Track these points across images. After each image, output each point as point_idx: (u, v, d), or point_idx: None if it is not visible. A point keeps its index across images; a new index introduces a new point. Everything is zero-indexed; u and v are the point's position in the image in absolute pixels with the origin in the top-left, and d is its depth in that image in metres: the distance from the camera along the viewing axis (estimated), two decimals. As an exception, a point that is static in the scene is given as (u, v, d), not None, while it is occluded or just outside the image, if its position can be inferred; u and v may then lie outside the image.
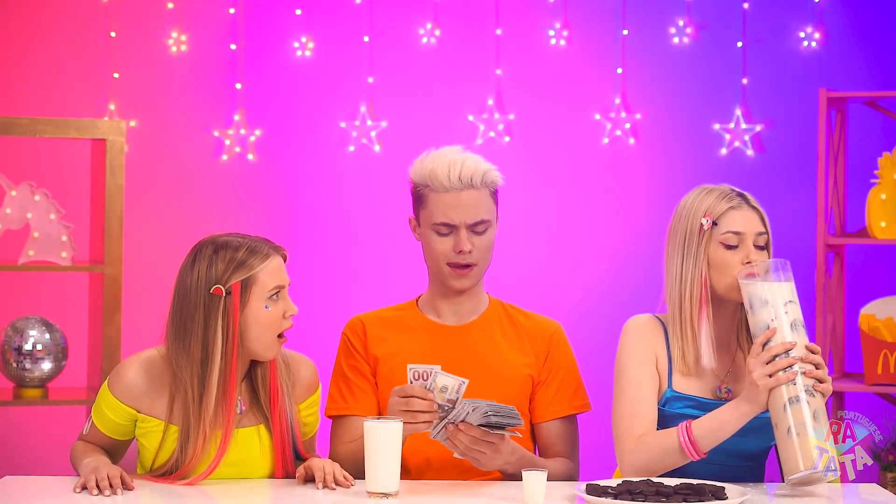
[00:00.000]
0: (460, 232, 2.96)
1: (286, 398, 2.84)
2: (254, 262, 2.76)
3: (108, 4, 4.99)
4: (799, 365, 2.71)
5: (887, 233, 4.56)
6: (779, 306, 2.75)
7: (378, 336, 3.05)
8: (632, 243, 5.02)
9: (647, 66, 5.05)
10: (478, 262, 2.99)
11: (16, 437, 4.89)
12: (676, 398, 2.86)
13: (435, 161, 2.98)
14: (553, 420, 3.03)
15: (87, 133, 4.35)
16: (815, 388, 2.71)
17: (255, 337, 2.76)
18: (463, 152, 3.01)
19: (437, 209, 2.97)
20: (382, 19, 5.08)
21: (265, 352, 2.78)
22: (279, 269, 2.80)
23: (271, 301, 2.77)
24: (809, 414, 2.69)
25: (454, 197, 2.96)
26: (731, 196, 2.88)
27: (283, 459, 2.84)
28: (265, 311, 2.76)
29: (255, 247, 2.78)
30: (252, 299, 2.76)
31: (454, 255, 2.97)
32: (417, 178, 3.01)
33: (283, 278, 2.80)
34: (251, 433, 2.84)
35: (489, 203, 3.00)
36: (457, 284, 3.00)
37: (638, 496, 2.58)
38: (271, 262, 2.78)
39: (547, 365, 3.04)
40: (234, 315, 2.74)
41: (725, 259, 2.84)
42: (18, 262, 4.35)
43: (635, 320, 2.93)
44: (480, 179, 2.97)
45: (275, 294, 2.78)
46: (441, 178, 2.96)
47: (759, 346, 2.74)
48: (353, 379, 3.03)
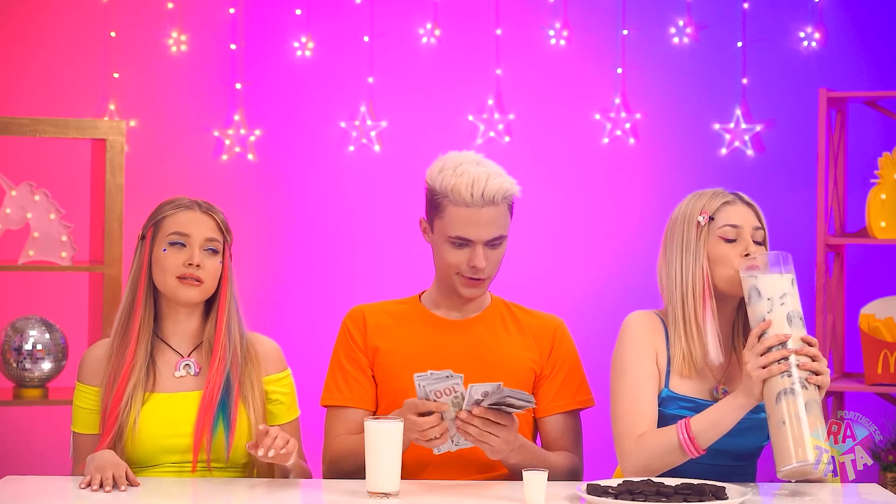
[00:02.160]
0: (476, 248, 2.95)
1: (236, 368, 2.88)
2: (164, 209, 2.93)
3: (108, 4, 4.98)
4: (794, 357, 2.71)
5: (887, 233, 4.56)
6: (775, 298, 2.75)
7: (378, 327, 3.05)
8: (632, 243, 5.02)
9: (647, 66, 5.05)
10: (490, 274, 3.00)
11: (16, 437, 4.88)
12: (673, 399, 2.86)
13: (458, 176, 2.94)
14: (557, 414, 3.03)
15: (87, 133, 4.35)
16: (809, 381, 2.71)
17: (160, 280, 2.89)
18: (484, 165, 2.97)
19: (455, 223, 2.95)
20: (382, 19, 5.08)
21: (172, 294, 2.89)
22: (189, 220, 2.91)
23: (172, 247, 2.89)
24: (802, 406, 2.69)
25: (474, 213, 2.94)
26: (725, 193, 2.91)
27: (203, 416, 2.83)
28: (163, 254, 2.89)
29: (176, 200, 2.95)
30: (156, 243, 2.91)
31: (467, 268, 2.97)
32: (437, 186, 2.97)
33: (186, 228, 2.89)
34: (190, 397, 2.87)
35: (506, 218, 2.98)
36: (466, 293, 3.01)
37: (638, 496, 2.58)
38: (181, 213, 2.91)
39: (551, 359, 3.04)
40: (144, 257, 2.91)
41: (725, 252, 2.84)
42: (18, 262, 4.35)
43: (636, 316, 2.93)
44: (502, 197, 2.96)
45: (177, 241, 2.89)
46: (464, 195, 2.93)
47: (755, 337, 2.74)
48: (351, 370, 3.03)
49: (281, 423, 2.94)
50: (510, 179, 2.99)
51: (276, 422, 2.93)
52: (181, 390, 2.89)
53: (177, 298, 2.88)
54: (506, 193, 2.96)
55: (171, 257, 2.88)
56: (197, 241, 2.89)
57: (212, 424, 2.83)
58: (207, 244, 2.90)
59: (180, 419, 2.85)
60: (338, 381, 3.03)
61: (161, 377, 2.90)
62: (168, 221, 2.90)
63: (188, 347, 2.93)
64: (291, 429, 2.95)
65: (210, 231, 2.91)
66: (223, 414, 2.84)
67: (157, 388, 2.88)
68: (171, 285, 2.88)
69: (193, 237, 2.89)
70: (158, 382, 2.89)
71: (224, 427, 2.84)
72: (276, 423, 2.93)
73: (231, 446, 2.84)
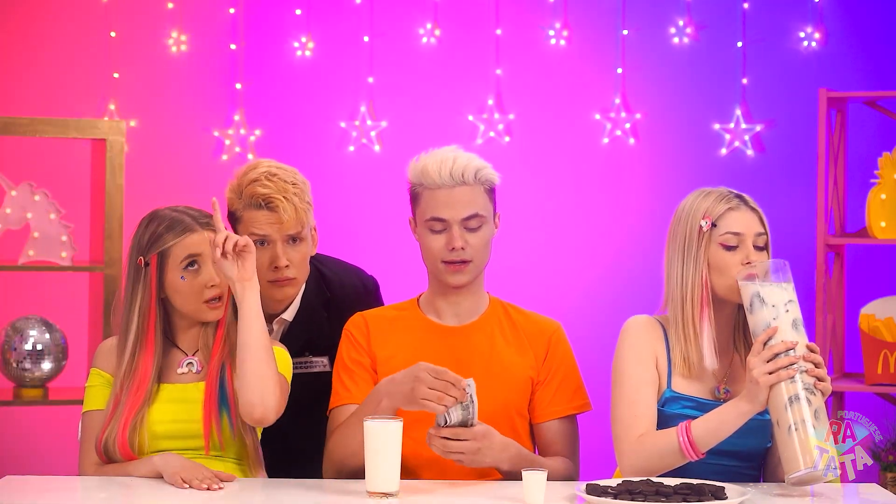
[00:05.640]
0: (453, 229, 2.97)
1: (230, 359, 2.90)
2: (167, 238, 2.91)
3: (108, 4, 4.98)
4: (800, 363, 2.71)
5: (887, 233, 4.56)
6: (780, 306, 2.75)
7: (380, 336, 3.05)
8: (632, 243, 5.02)
9: (647, 66, 5.05)
10: (473, 258, 2.99)
11: (16, 437, 4.88)
12: (675, 399, 2.86)
13: (428, 159, 3.00)
14: (552, 420, 3.03)
15: (87, 133, 4.35)
16: (815, 387, 2.71)
17: (181, 305, 2.91)
18: (456, 151, 3.02)
19: (429, 205, 2.98)
20: (382, 19, 5.08)
21: (198, 316, 2.93)
22: (194, 242, 2.91)
23: (187, 272, 2.89)
24: (810, 412, 2.69)
25: (446, 193, 2.97)
26: (730, 197, 2.88)
27: (209, 409, 2.87)
28: (181, 281, 2.89)
29: (175, 222, 2.91)
30: (168, 271, 2.91)
31: (448, 252, 2.97)
32: (412, 176, 3.03)
33: (198, 248, 2.90)
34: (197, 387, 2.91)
35: (484, 200, 3.00)
36: (452, 280, 3.00)
37: (638, 496, 2.58)
38: (187, 237, 2.91)
39: (546, 364, 3.04)
40: (151, 284, 2.90)
41: (725, 260, 2.84)
42: (18, 262, 4.35)
43: (635, 320, 2.93)
44: (473, 176, 2.97)
45: (190, 265, 2.90)
46: (433, 174, 2.97)
47: (761, 344, 2.74)
48: (356, 370, 3.02)
49: None
50: (485, 163, 3.01)
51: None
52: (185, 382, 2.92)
53: (203, 319, 2.93)
54: (477, 173, 2.98)
55: (189, 283, 2.90)
56: (208, 257, 2.90)
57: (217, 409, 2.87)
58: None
59: (187, 406, 2.89)
60: (344, 383, 3.03)
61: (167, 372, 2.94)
62: (177, 249, 2.91)
63: (193, 347, 2.98)
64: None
65: None
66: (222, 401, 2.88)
67: (163, 379, 2.93)
68: (196, 309, 2.92)
69: (205, 255, 2.91)
70: (164, 376, 2.93)
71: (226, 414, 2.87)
72: None
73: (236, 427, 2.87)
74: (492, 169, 3.02)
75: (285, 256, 3.14)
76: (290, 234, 3.14)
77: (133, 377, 2.88)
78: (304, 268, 3.20)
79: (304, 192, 3.19)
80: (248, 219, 3.14)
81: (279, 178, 3.14)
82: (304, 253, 3.19)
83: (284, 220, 3.11)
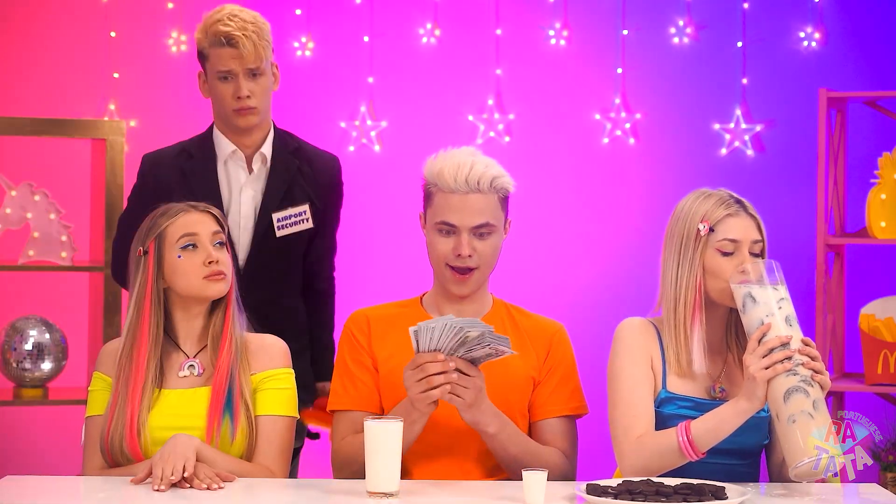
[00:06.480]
0: (461, 235, 2.95)
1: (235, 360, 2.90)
2: (161, 222, 2.95)
3: (108, 4, 4.99)
4: (796, 357, 2.71)
5: (887, 233, 4.57)
6: (772, 304, 2.75)
7: (382, 334, 3.04)
8: (631, 243, 5.02)
9: (647, 66, 5.05)
10: (479, 265, 2.98)
11: (16, 437, 4.89)
12: (671, 399, 2.86)
13: (445, 161, 2.97)
14: (549, 419, 3.02)
15: (87, 133, 4.35)
16: (813, 379, 2.71)
17: (183, 286, 2.92)
18: (474, 155, 2.99)
19: (441, 208, 2.97)
20: (382, 19, 5.08)
21: (202, 293, 2.93)
22: (193, 221, 2.94)
23: (184, 251, 2.92)
24: (810, 404, 2.69)
25: (459, 199, 2.95)
26: (730, 202, 2.87)
27: (214, 415, 2.86)
28: (178, 260, 2.91)
29: (169, 208, 2.97)
30: (166, 252, 2.93)
31: (454, 257, 2.97)
32: (428, 175, 3.00)
33: (193, 228, 2.93)
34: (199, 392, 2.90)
35: (496, 209, 2.98)
36: (455, 290, 3.00)
37: (638, 496, 2.58)
38: (179, 217, 2.94)
39: (546, 364, 3.04)
40: (148, 270, 2.92)
41: (720, 265, 2.84)
42: (18, 262, 4.35)
43: (628, 322, 2.93)
44: (489, 184, 2.95)
45: (187, 244, 2.92)
46: (448, 179, 2.95)
47: (755, 341, 2.74)
48: (357, 373, 3.02)
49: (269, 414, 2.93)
50: (501, 171, 2.99)
51: (264, 412, 2.93)
52: (187, 387, 2.91)
53: (205, 296, 2.93)
54: (493, 181, 2.96)
55: (188, 261, 2.91)
56: (206, 238, 2.93)
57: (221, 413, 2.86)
58: (214, 238, 2.95)
59: (189, 412, 2.87)
60: (345, 385, 3.03)
61: (167, 375, 2.93)
62: (172, 229, 2.93)
63: (195, 349, 2.96)
64: (281, 426, 2.93)
65: (213, 225, 2.96)
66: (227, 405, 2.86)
67: (164, 385, 2.92)
68: (198, 286, 2.91)
69: (202, 235, 2.93)
70: (165, 380, 2.92)
71: (229, 418, 2.86)
72: (264, 413, 2.93)
73: (235, 435, 2.85)
74: (508, 177, 2.99)
75: (246, 88, 3.51)
76: (250, 67, 3.50)
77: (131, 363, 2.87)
78: (265, 99, 3.57)
79: (263, 31, 3.52)
80: (213, 56, 3.51)
81: (240, 18, 3.50)
82: (264, 86, 3.55)
83: (244, 55, 3.48)
